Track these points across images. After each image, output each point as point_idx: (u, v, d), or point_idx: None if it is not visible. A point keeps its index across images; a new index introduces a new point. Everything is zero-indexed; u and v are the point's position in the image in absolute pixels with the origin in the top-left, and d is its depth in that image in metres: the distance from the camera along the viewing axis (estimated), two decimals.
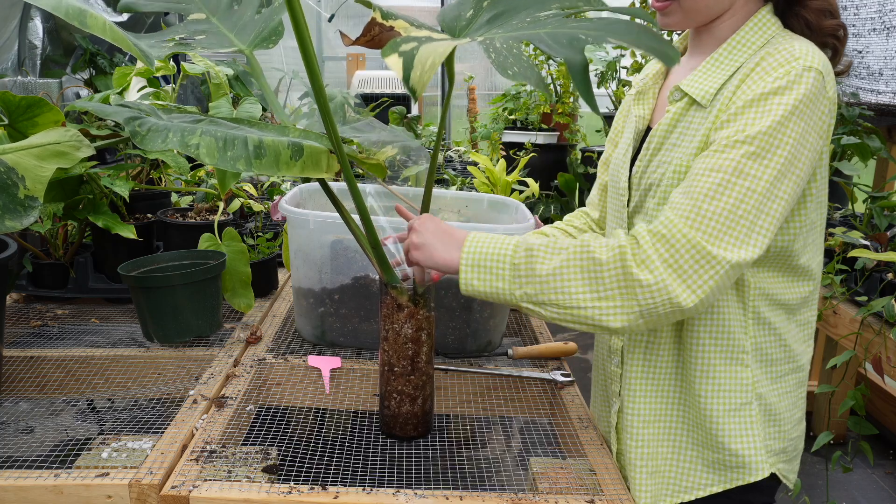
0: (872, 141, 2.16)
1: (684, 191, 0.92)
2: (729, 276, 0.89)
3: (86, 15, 1.04)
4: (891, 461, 2.73)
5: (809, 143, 0.91)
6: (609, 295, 0.91)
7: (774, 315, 1.02)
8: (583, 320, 0.94)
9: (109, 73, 3.40)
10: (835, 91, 0.95)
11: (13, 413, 1.24)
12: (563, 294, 0.94)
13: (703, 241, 0.88)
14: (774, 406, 1.04)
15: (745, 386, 1.02)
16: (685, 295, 0.88)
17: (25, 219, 1.07)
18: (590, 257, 0.93)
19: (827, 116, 0.93)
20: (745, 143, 0.89)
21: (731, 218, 0.88)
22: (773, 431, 1.04)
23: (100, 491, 0.98)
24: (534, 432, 1.25)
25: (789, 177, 0.90)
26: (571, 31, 0.79)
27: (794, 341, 1.05)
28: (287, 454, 1.10)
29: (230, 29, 1.17)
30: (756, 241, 0.89)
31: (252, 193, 2.01)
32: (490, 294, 0.98)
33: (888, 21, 2.73)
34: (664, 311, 0.89)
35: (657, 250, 0.89)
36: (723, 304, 1.01)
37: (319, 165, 1.08)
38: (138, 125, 1.01)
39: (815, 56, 0.92)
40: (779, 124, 0.88)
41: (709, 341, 1.02)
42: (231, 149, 1.00)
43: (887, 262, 1.79)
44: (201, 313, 1.42)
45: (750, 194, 0.88)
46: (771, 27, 1.00)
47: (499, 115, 4.43)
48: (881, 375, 1.68)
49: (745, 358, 1.02)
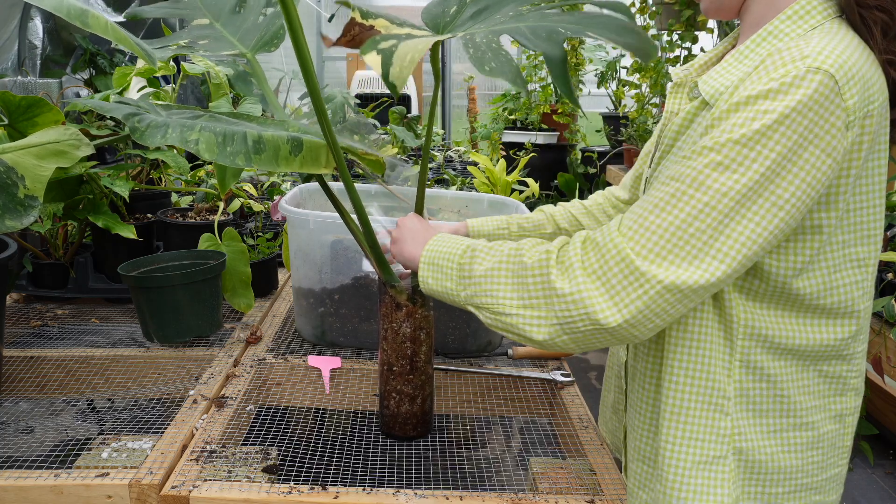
0: None
1: (641, 200, 0.82)
2: (665, 299, 0.76)
3: (87, 15, 1.04)
4: (891, 461, 2.74)
5: (806, 161, 0.75)
6: (533, 303, 0.83)
7: (773, 360, 0.86)
8: (511, 328, 0.86)
9: (109, 73, 3.40)
10: (864, 101, 0.76)
11: (13, 413, 1.24)
12: (492, 297, 0.87)
13: (633, 254, 0.77)
14: (764, 463, 0.87)
15: (721, 437, 0.86)
16: (607, 311, 0.77)
17: (25, 219, 1.07)
18: (519, 261, 0.86)
19: (839, 131, 0.75)
20: (713, 152, 0.76)
21: (676, 234, 0.76)
22: (755, 492, 0.88)
23: (100, 491, 0.98)
24: (534, 432, 1.25)
25: (766, 197, 0.75)
26: (551, 25, 0.79)
27: (802, 394, 0.87)
28: (287, 454, 1.10)
29: (233, 33, 1.18)
30: (707, 265, 0.75)
31: (252, 193, 2.01)
32: (442, 294, 0.95)
33: None
34: (584, 326, 0.79)
35: (582, 258, 0.81)
36: (704, 340, 0.87)
37: (319, 160, 1.08)
38: (137, 121, 1.01)
39: (831, 55, 0.75)
40: (760, 133, 0.74)
41: (684, 379, 0.87)
42: (230, 144, 1.00)
43: (887, 262, 1.79)
44: (201, 313, 1.42)
45: (707, 210, 0.75)
46: (816, 15, 0.82)
47: (499, 115, 4.43)
48: (881, 375, 1.68)
49: (725, 405, 0.86)
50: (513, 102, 4.59)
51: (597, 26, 0.77)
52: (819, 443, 0.89)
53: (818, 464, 0.89)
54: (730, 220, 0.75)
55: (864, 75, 0.77)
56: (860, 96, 0.76)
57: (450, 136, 5.93)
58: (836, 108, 0.75)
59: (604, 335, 0.80)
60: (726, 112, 0.78)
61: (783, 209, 0.76)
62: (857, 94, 0.75)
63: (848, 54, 0.76)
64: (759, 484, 0.88)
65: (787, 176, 0.75)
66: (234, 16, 1.21)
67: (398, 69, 0.74)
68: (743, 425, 0.87)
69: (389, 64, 0.74)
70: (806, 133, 0.74)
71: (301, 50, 0.93)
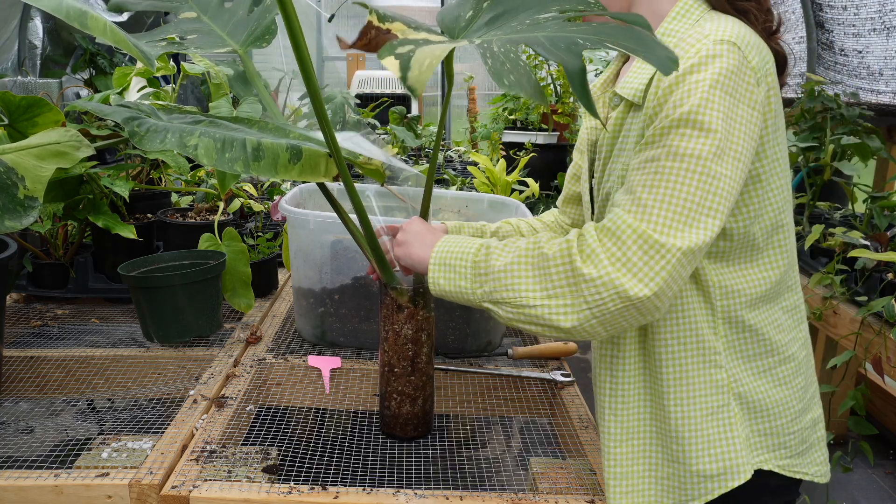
0: (872, 141, 2.16)
1: (625, 188, 0.90)
2: (683, 265, 0.85)
3: (86, 16, 1.03)
4: (891, 461, 2.74)
5: (741, 117, 0.87)
6: (558, 293, 0.88)
7: (750, 311, 0.97)
8: (535, 320, 0.90)
9: (109, 73, 3.40)
10: (762, 61, 0.90)
11: (13, 413, 1.24)
12: (514, 291, 0.91)
13: (650, 230, 0.84)
14: (762, 401, 0.98)
15: (720, 388, 0.97)
16: (636, 287, 0.84)
17: (25, 219, 1.07)
18: (539, 253, 0.90)
19: (755, 87, 0.88)
20: (674, 127, 0.86)
21: (675, 203, 0.84)
22: (762, 428, 0.98)
23: (100, 491, 0.98)
24: (534, 432, 1.25)
25: (728, 153, 0.85)
26: (570, 35, 0.78)
27: (778, 332, 1.00)
28: (287, 454, 1.10)
29: (222, 27, 1.17)
30: (706, 223, 0.85)
31: (252, 193, 2.01)
32: (454, 293, 0.97)
33: (888, 21, 2.73)
34: (615, 306, 0.85)
35: (603, 244, 0.86)
36: (688, 309, 0.96)
37: (318, 169, 1.08)
38: (137, 125, 1.01)
39: (727, 30, 0.88)
40: (704, 101, 0.84)
41: (677, 346, 0.97)
42: (229, 150, 1.00)
43: (887, 262, 1.79)
44: (201, 313, 1.42)
45: (690, 175, 0.84)
46: (695, 11, 0.96)
47: (499, 115, 4.43)
48: (881, 375, 1.68)
49: (717, 359, 0.96)
50: (513, 102, 4.59)
51: (615, 37, 0.77)
52: (799, 369, 1.02)
53: (803, 387, 1.02)
54: (710, 178, 0.85)
55: (753, 41, 0.90)
56: (759, 58, 0.89)
57: (450, 136, 5.93)
58: (746, 68, 0.87)
59: (632, 312, 0.86)
60: (663, 96, 0.88)
61: (741, 160, 0.87)
62: (756, 57, 0.89)
63: (737, 28, 0.89)
64: (763, 420, 0.98)
65: (736, 132, 0.86)
66: (222, 10, 1.20)
67: (416, 73, 0.73)
68: (736, 373, 0.97)
69: (408, 68, 0.73)
70: (733, 92, 0.86)
71: (300, 50, 0.93)
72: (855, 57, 3.00)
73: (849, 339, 1.80)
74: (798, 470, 1.00)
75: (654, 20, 0.98)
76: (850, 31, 3.00)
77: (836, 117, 2.23)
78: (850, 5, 2.95)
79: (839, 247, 1.96)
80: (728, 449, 0.96)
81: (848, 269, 1.89)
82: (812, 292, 2.01)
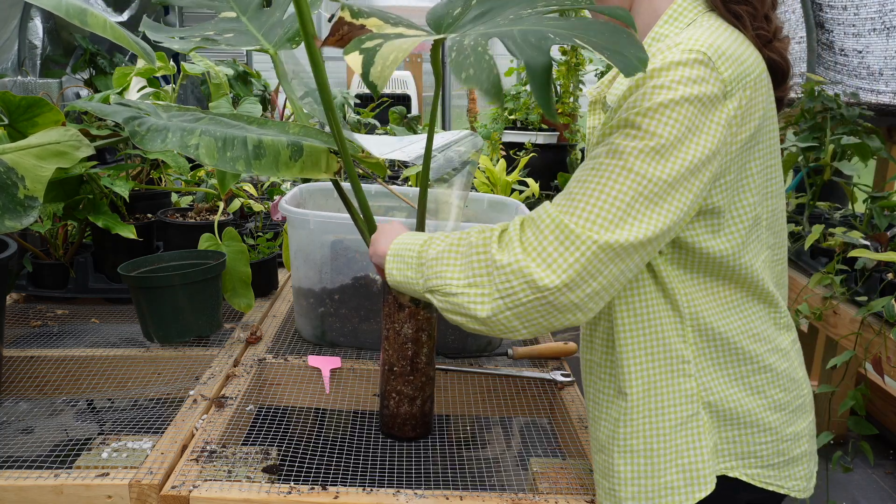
0: (872, 141, 2.16)
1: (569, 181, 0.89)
2: (601, 260, 0.81)
3: (86, 14, 1.04)
4: (891, 461, 2.73)
5: (700, 129, 0.83)
6: (477, 281, 0.87)
7: (720, 319, 0.94)
8: (458, 309, 0.89)
9: (109, 73, 3.40)
10: (740, 73, 0.86)
11: (13, 413, 1.24)
12: (442, 279, 0.90)
13: (568, 220, 0.83)
14: (733, 409, 0.95)
15: (689, 397, 0.94)
16: (545, 275, 0.82)
17: (25, 219, 1.07)
18: (467, 242, 0.90)
19: (719, 100, 0.84)
20: (621, 127, 0.84)
21: (601, 199, 0.82)
22: (731, 435, 0.95)
23: (100, 491, 0.98)
24: (534, 432, 1.25)
25: (672, 160, 0.82)
26: (542, 30, 0.77)
27: (752, 341, 0.96)
28: (287, 454, 1.10)
29: (258, 28, 1.18)
30: (632, 224, 0.81)
31: (252, 193, 2.01)
32: (404, 284, 0.97)
33: (888, 21, 2.73)
34: (526, 297, 0.83)
35: (522, 233, 0.86)
36: (655, 319, 0.94)
37: (319, 165, 1.08)
38: (138, 125, 1.01)
39: (701, 39, 0.85)
40: (656, 105, 0.82)
41: (644, 357, 0.94)
42: (230, 149, 1.00)
43: (887, 262, 1.79)
44: (201, 313, 1.42)
45: (624, 175, 0.82)
46: (689, 13, 0.93)
47: (499, 115, 4.43)
48: (881, 375, 1.68)
49: (687, 368, 0.93)
50: (513, 102, 4.59)
51: (586, 32, 0.76)
52: (777, 380, 0.98)
53: (783, 399, 0.98)
54: (649, 181, 0.82)
55: (733, 52, 0.86)
56: (735, 69, 0.85)
57: None
58: (712, 80, 0.84)
59: (546, 306, 0.83)
60: (623, 98, 0.86)
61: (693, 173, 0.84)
62: (731, 68, 0.85)
63: (715, 38, 0.86)
64: (732, 428, 0.95)
65: (690, 143, 0.83)
66: (260, 11, 1.21)
67: (379, 69, 0.72)
68: (707, 381, 0.95)
69: (371, 63, 0.72)
70: (692, 101, 0.83)
71: (311, 46, 0.93)
72: (855, 57, 3.00)
73: (849, 339, 1.80)
74: (771, 482, 0.97)
75: (654, 20, 0.96)
76: (850, 31, 3.00)
77: (836, 117, 2.23)
78: (850, 5, 2.95)
79: (839, 247, 1.96)
80: (696, 459, 0.93)
81: (848, 269, 1.89)
82: (812, 292, 2.01)
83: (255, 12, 1.20)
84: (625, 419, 0.96)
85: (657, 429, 0.94)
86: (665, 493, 0.93)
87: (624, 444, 0.96)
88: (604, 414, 0.99)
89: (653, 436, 0.94)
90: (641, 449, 0.94)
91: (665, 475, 0.93)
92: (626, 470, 0.95)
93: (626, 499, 0.95)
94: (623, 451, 0.96)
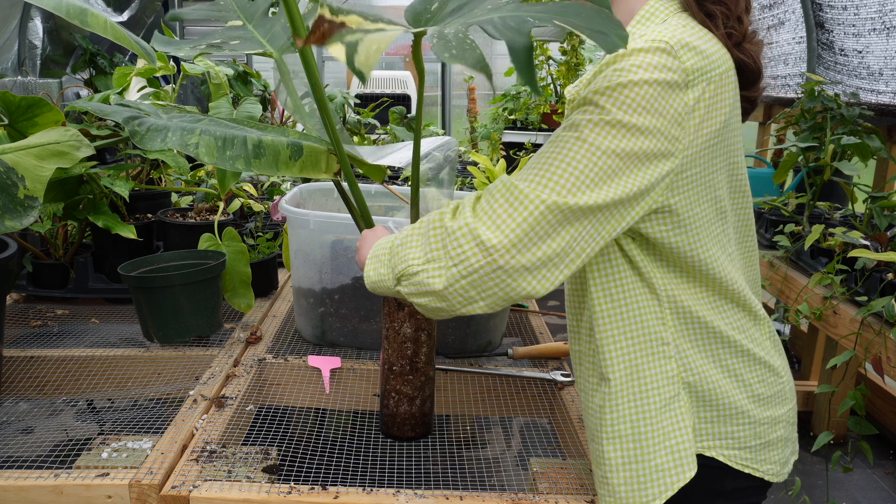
0: (872, 141, 2.16)
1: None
2: (549, 221, 0.82)
3: (86, 14, 1.04)
4: (891, 461, 2.73)
5: (657, 112, 0.84)
6: (434, 256, 0.87)
7: (697, 303, 0.96)
8: (419, 287, 0.89)
9: (109, 73, 3.40)
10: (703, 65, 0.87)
11: (13, 413, 1.24)
12: (405, 262, 0.91)
13: (519, 182, 0.84)
14: (712, 390, 0.97)
15: (671, 378, 0.96)
16: (491, 233, 0.83)
17: (25, 219, 1.07)
18: (427, 220, 0.91)
19: (680, 88, 0.85)
20: (581, 104, 0.87)
21: (555, 164, 0.84)
22: (709, 415, 0.97)
23: (100, 491, 0.98)
24: (534, 432, 1.25)
25: (630, 137, 0.83)
26: (521, 15, 0.78)
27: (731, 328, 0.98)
28: (287, 454, 1.10)
29: (263, 35, 1.20)
30: (586, 191, 0.83)
31: (252, 193, 2.01)
32: (380, 284, 0.97)
33: (888, 21, 2.73)
34: (478, 261, 0.83)
35: (474, 201, 0.87)
36: (634, 302, 0.95)
37: (318, 165, 1.08)
38: (138, 125, 1.01)
39: (666, 33, 0.87)
40: (614, 85, 0.84)
41: (625, 341, 0.96)
42: (230, 148, 1.00)
43: (887, 262, 1.79)
44: (201, 313, 1.42)
45: (578, 144, 0.84)
46: (661, 13, 0.94)
47: (499, 115, 4.43)
48: (881, 375, 1.68)
49: (666, 350, 0.95)
50: (513, 102, 4.59)
51: (563, 13, 0.77)
52: (754, 365, 0.99)
53: (760, 383, 1.00)
54: (600, 152, 0.84)
55: (699, 46, 0.88)
56: (698, 61, 0.87)
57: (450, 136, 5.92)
58: (674, 66, 0.85)
59: (497, 271, 0.83)
60: (586, 84, 0.89)
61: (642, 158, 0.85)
62: (693, 59, 0.86)
63: (681, 32, 0.88)
64: (710, 409, 0.97)
65: (642, 128, 0.84)
66: (265, 19, 1.23)
67: (363, 57, 0.72)
68: (687, 360, 0.96)
69: (354, 52, 0.72)
70: (650, 90, 0.84)
71: (304, 49, 0.93)
72: (855, 57, 3.00)
73: (849, 339, 1.80)
74: (747, 464, 0.99)
75: (629, 20, 0.97)
76: (850, 31, 3.00)
77: (836, 117, 2.23)
78: (850, 5, 2.95)
79: (839, 247, 1.96)
80: (682, 440, 0.95)
81: (848, 269, 1.89)
82: (812, 292, 2.01)
83: (260, 19, 1.22)
84: (610, 405, 0.97)
85: (642, 412, 0.95)
86: (656, 476, 0.95)
87: (611, 430, 0.97)
88: (591, 402, 1.00)
89: (639, 419, 0.95)
90: (629, 434, 0.95)
91: (655, 458, 0.95)
92: (615, 456, 0.96)
93: (618, 485, 0.96)
94: (611, 437, 0.97)
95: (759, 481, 1.01)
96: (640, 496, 0.95)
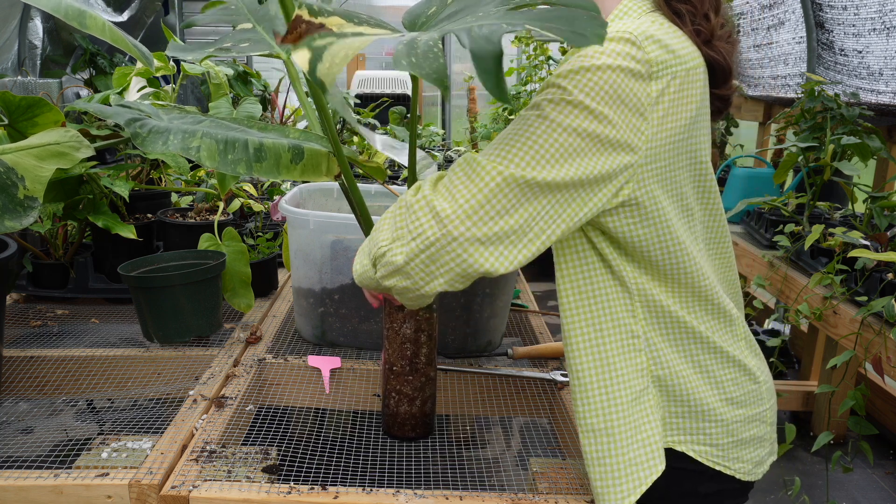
0: (872, 141, 2.16)
1: None
2: (505, 194, 0.83)
3: (85, 16, 1.04)
4: (891, 461, 2.74)
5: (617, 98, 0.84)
6: (399, 234, 0.88)
7: (668, 298, 0.96)
8: (388, 268, 0.90)
9: (109, 73, 3.40)
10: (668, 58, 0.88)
11: (13, 413, 1.24)
12: (378, 246, 0.91)
13: (479, 156, 0.86)
14: (681, 385, 0.96)
15: (640, 371, 0.96)
16: (447, 204, 0.83)
17: (25, 219, 1.07)
18: (396, 202, 0.92)
19: (643, 79, 0.86)
20: (545, 88, 0.88)
21: (515, 140, 0.85)
22: (679, 410, 0.97)
23: (100, 491, 0.98)
24: (534, 432, 1.25)
25: (589, 117, 0.84)
26: (495, 22, 0.77)
27: (703, 326, 0.98)
28: (287, 454, 1.10)
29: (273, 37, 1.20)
30: (546, 166, 0.83)
31: (252, 193, 2.01)
32: (363, 275, 0.97)
33: (888, 21, 2.73)
34: (433, 233, 0.84)
35: (434, 177, 0.88)
36: (604, 296, 0.95)
37: (319, 168, 1.08)
38: (139, 127, 1.01)
39: (630, 28, 0.88)
40: (575, 69, 0.85)
41: (594, 333, 0.96)
42: (231, 152, 1.00)
43: (887, 262, 1.79)
44: (201, 313, 1.42)
45: (540, 121, 0.85)
46: (633, 12, 0.96)
47: (499, 115, 4.42)
48: (881, 375, 1.68)
49: (637, 343, 0.95)
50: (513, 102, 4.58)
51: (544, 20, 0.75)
52: (726, 363, 0.99)
53: (728, 384, 0.99)
54: (560, 129, 0.84)
55: (665, 41, 0.89)
56: (662, 53, 0.87)
57: (450, 136, 5.93)
58: (638, 56, 0.86)
59: (452, 244, 0.83)
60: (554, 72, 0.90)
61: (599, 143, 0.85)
62: (658, 51, 0.87)
63: (648, 27, 0.89)
64: (680, 404, 0.97)
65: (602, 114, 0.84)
66: (275, 21, 1.23)
67: (327, 66, 0.70)
68: (658, 354, 0.96)
69: (318, 60, 0.70)
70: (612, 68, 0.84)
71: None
72: (855, 57, 3.00)
73: (849, 339, 1.80)
74: (718, 461, 0.98)
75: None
76: (850, 31, 3.00)
77: (836, 117, 2.23)
78: (850, 5, 2.95)
79: (839, 247, 1.96)
80: (653, 433, 0.95)
81: (848, 269, 1.89)
82: (812, 292, 2.01)
83: (270, 23, 1.22)
84: (582, 398, 0.97)
85: (614, 405, 0.95)
86: (629, 472, 0.94)
87: (584, 423, 0.97)
88: (574, 396, 1.00)
89: (610, 412, 0.95)
90: (602, 427, 0.95)
91: (627, 452, 0.95)
92: (591, 450, 0.97)
93: (595, 479, 0.96)
94: (585, 430, 0.97)
95: (737, 482, 1.00)
96: (613, 493, 0.95)
